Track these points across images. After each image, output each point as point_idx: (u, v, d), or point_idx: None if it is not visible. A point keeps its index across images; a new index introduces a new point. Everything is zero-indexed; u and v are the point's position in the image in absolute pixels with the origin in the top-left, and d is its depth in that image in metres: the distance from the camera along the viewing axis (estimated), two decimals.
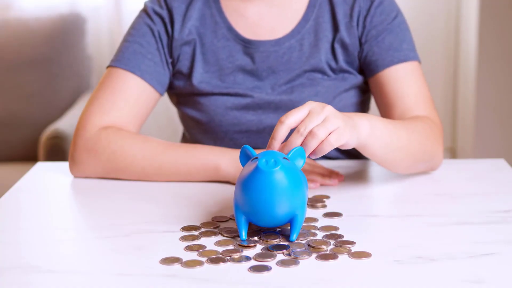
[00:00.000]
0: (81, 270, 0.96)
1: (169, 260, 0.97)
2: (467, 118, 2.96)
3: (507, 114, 2.86)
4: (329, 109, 1.07)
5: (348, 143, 1.10)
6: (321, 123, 1.06)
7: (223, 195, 1.24)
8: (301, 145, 1.06)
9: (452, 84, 3.09)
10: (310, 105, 1.07)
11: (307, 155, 1.07)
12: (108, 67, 1.42)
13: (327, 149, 1.06)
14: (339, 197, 1.23)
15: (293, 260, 0.96)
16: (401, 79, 1.39)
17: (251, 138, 1.44)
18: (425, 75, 1.49)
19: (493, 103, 2.85)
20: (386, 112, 1.40)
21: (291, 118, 1.06)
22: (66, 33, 2.74)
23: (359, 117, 1.14)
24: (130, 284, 0.91)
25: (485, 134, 2.87)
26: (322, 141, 1.05)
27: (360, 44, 1.42)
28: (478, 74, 2.83)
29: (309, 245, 1.01)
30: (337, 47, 1.42)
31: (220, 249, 1.01)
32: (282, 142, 1.07)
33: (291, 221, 1.03)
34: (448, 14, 3.03)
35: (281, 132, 1.06)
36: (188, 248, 1.01)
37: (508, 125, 2.87)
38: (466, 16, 2.94)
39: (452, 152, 3.15)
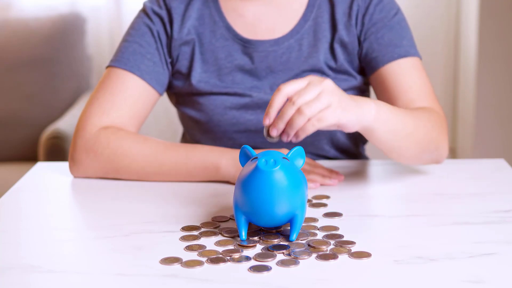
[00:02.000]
0: (81, 270, 0.96)
1: (169, 260, 0.97)
2: (467, 118, 2.96)
3: (507, 114, 2.86)
4: (327, 83, 1.09)
5: (346, 125, 1.11)
6: (313, 99, 1.08)
7: (223, 195, 1.24)
8: (287, 123, 1.08)
9: (452, 84, 3.09)
10: (310, 78, 1.10)
11: (292, 134, 1.09)
12: (107, 67, 1.42)
13: (310, 130, 1.08)
14: (339, 197, 1.23)
15: (293, 260, 0.96)
16: (403, 73, 1.39)
17: (250, 138, 1.44)
18: None
19: (493, 103, 2.85)
20: None
21: (289, 87, 1.09)
22: (66, 33, 2.74)
23: (365, 100, 1.15)
24: (130, 284, 0.91)
25: (485, 134, 2.87)
26: (308, 120, 1.08)
27: (359, 42, 1.42)
28: (478, 74, 2.83)
29: (309, 245, 1.01)
30: (337, 46, 1.42)
31: (220, 249, 1.01)
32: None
33: (291, 221, 1.03)
34: (448, 14, 3.03)
35: (278, 99, 1.09)
36: (188, 248, 1.01)
37: (508, 125, 2.87)
38: (466, 16, 2.94)
39: (452, 152, 3.15)
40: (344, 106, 1.10)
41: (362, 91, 1.47)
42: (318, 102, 1.08)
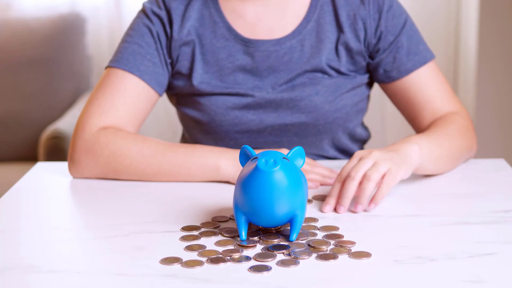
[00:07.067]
0: (81, 270, 0.96)
1: (169, 260, 0.97)
2: None
3: (507, 114, 2.86)
4: (376, 153, 1.18)
5: (403, 177, 1.21)
6: (372, 166, 1.16)
7: (223, 195, 1.24)
8: (358, 191, 1.15)
9: (452, 84, 3.09)
10: (358, 154, 1.18)
11: (366, 201, 1.15)
12: (106, 67, 1.42)
13: (385, 191, 1.16)
14: None
15: (293, 260, 0.96)
16: (425, 83, 1.43)
17: (252, 138, 1.44)
18: None
19: (493, 103, 2.85)
20: (414, 115, 1.45)
21: (346, 170, 1.17)
22: (66, 33, 2.74)
23: (407, 145, 1.23)
24: (130, 284, 0.91)
25: (485, 134, 2.87)
26: (379, 187, 1.16)
27: (373, 51, 1.43)
28: (478, 74, 2.83)
29: (309, 245, 1.01)
30: (341, 49, 1.43)
31: (220, 249, 1.01)
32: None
33: (291, 221, 1.03)
34: (448, 14, 3.03)
35: (336, 189, 1.17)
36: (188, 248, 1.01)
37: (508, 125, 2.87)
38: (466, 16, 2.94)
39: None
40: (399, 164, 1.19)
41: (363, 90, 1.47)
42: (380, 167, 1.16)
